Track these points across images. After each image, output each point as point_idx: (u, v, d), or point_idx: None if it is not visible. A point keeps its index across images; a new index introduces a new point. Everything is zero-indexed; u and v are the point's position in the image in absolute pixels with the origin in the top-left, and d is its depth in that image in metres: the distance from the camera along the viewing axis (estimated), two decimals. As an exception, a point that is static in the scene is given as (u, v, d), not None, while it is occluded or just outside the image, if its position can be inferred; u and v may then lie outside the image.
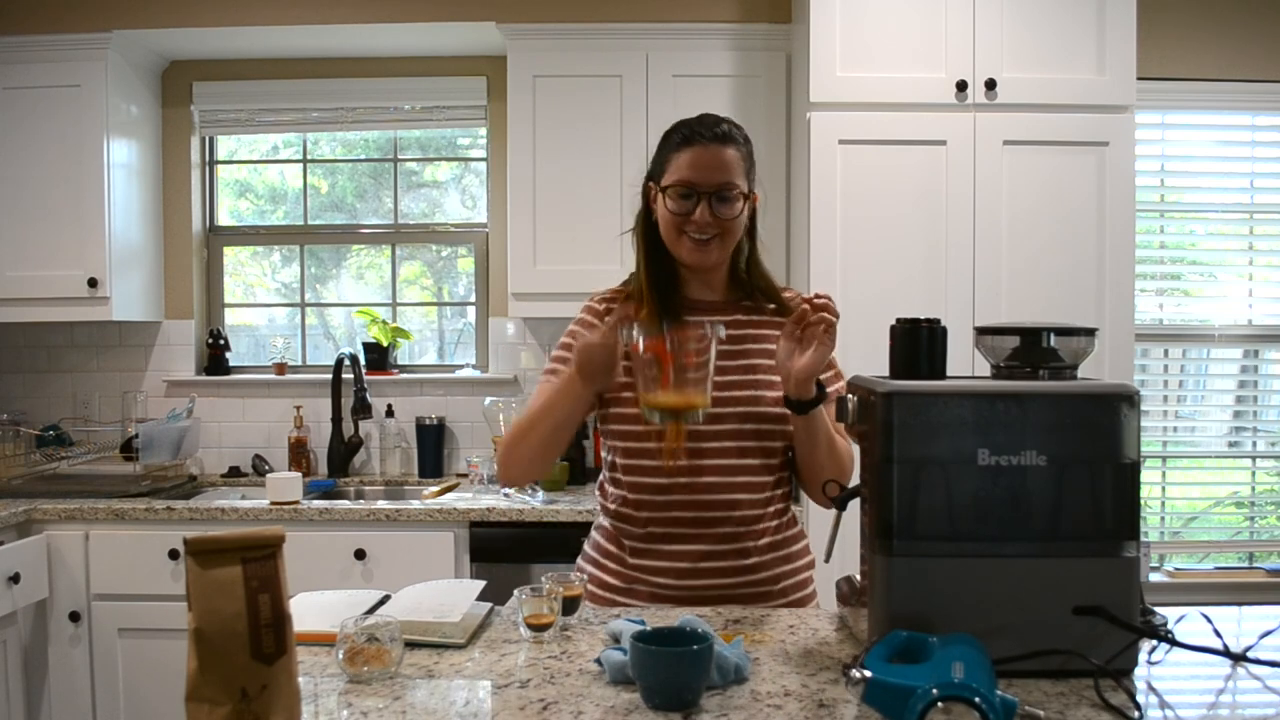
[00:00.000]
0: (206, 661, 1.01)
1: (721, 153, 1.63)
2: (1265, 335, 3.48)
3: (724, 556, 1.63)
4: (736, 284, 1.74)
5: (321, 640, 1.37)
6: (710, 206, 1.63)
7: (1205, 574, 3.41)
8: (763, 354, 1.68)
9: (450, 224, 3.77)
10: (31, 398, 3.60)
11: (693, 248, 1.65)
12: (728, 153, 1.64)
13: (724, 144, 1.64)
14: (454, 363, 3.78)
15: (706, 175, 1.62)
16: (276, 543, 1.07)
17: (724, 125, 1.67)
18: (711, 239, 1.64)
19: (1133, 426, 1.27)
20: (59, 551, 2.90)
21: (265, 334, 3.84)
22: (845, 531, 1.45)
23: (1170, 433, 3.52)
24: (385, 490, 3.45)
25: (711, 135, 1.64)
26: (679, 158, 1.65)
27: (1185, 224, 3.53)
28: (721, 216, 1.63)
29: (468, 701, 1.20)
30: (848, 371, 1.52)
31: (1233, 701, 1.23)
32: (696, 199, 1.62)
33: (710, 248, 1.65)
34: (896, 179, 2.84)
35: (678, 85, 3.17)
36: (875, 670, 1.09)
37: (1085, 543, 1.27)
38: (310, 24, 3.30)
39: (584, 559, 1.77)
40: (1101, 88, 2.84)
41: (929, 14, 2.83)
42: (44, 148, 3.24)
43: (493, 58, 3.52)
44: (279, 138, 3.82)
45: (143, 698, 2.91)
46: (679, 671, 1.15)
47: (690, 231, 1.64)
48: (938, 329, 1.39)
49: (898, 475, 1.28)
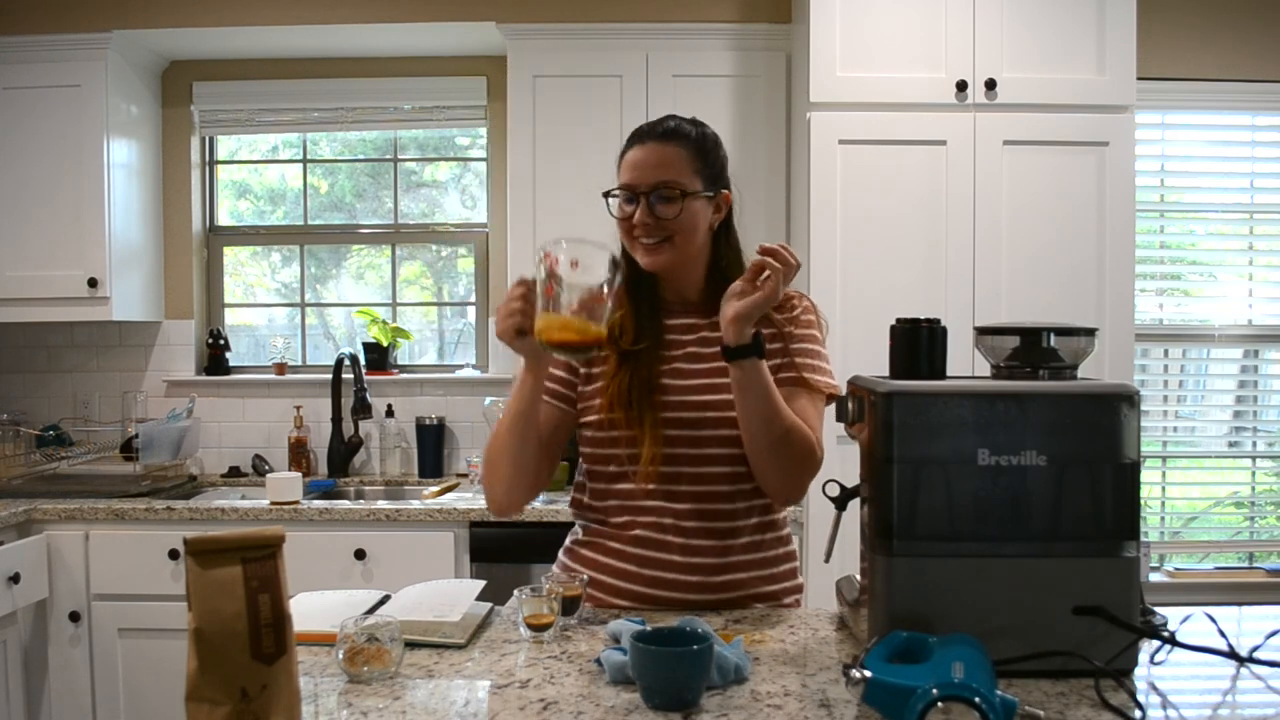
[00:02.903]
0: (206, 661, 1.01)
1: (661, 150, 1.57)
2: (1265, 335, 3.48)
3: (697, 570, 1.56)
4: (716, 285, 1.61)
5: (321, 640, 1.37)
6: (649, 207, 1.56)
7: (1205, 574, 3.41)
8: None
9: (450, 224, 3.77)
10: (31, 398, 3.60)
11: (643, 251, 1.59)
12: (668, 150, 1.57)
13: (665, 141, 1.58)
14: (454, 363, 3.79)
15: (643, 175, 1.56)
16: (276, 543, 1.07)
17: (671, 122, 1.61)
18: (662, 242, 1.57)
19: (1133, 426, 1.27)
20: (59, 551, 2.90)
21: (265, 334, 3.84)
22: (845, 531, 1.45)
23: (1170, 433, 3.52)
24: (385, 490, 3.45)
25: (653, 134, 1.59)
26: (624, 160, 1.60)
27: (1185, 224, 3.53)
28: (661, 217, 1.56)
29: (468, 701, 1.20)
30: (848, 371, 1.52)
31: (1235, 702, 1.23)
32: (637, 200, 1.57)
33: (661, 250, 1.58)
34: (896, 179, 2.84)
35: (678, 85, 3.17)
36: (875, 670, 1.09)
37: (1085, 543, 1.27)
38: (310, 24, 3.30)
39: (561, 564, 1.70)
40: (1101, 88, 2.84)
41: (929, 14, 2.83)
42: (44, 148, 3.24)
43: (493, 58, 3.52)
44: (279, 138, 3.82)
45: (143, 698, 2.91)
46: (679, 671, 1.15)
47: (637, 235, 1.58)
48: (938, 329, 1.39)
49: (898, 475, 1.28)
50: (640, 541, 1.59)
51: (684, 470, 1.58)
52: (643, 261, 1.59)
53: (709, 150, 1.62)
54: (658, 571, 1.57)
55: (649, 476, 1.56)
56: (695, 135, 1.61)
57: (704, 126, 1.64)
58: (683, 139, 1.59)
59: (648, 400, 1.57)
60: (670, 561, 1.57)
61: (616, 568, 1.60)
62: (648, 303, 1.65)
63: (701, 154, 1.60)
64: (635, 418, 1.56)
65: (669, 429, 1.57)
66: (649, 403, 1.57)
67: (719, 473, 1.58)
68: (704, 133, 1.63)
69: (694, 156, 1.59)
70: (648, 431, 1.55)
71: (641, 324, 1.62)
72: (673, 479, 1.58)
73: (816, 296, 2.79)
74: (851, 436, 1.41)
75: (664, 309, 1.66)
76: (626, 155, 1.60)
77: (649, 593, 1.58)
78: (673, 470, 1.57)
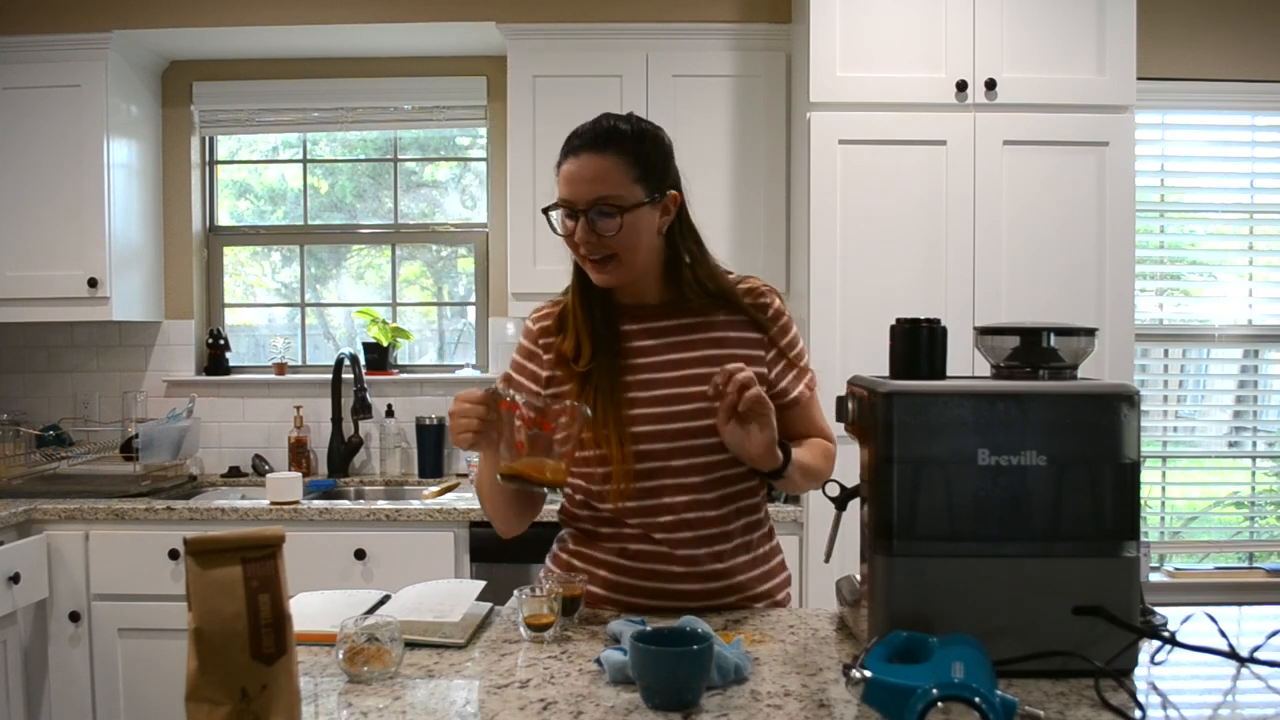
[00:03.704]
0: (206, 661, 1.01)
1: (594, 163, 1.47)
2: (1265, 335, 3.48)
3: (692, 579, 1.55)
4: (676, 285, 1.57)
5: (321, 640, 1.37)
6: (590, 224, 1.48)
7: (1205, 574, 3.41)
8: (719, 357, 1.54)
9: (450, 224, 3.77)
10: (31, 398, 3.60)
11: (592, 269, 1.52)
12: (603, 162, 1.47)
13: (599, 151, 1.47)
14: (454, 363, 3.78)
15: (578, 190, 1.47)
16: (276, 543, 1.07)
17: (605, 123, 1.50)
18: (607, 259, 1.50)
19: (1133, 426, 1.27)
20: (59, 551, 2.90)
21: (265, 334, 3.84)
22: (845, 531, 1.45)
23: (1170, 433, 3.52)
24: (385, 490, 3.45)
25: (585, 143, 1.48)
26: (560, 172, 1.51)
27: (1185, 224, 3.53)
28: (602, 234, 1.48)
29: (468, 701, 1.20)
30: (848, 371, 1.52)
31: (1236, 702, 1.23)
32: (576, 217, 1.49)
33: (609, 267, 1.50)
34: (896, 179, 2.84)
35: (678, 85, 3.17)
36: (875, 670, 1.09)
37: (1085, 543, 1.27)
38: (310, 24, 3.30)
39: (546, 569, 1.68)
40: (1101, 88, 2.84)
41: (929, 14, 2.83)
42: (44, 148, 3.24)
43: (493, 58, 3.52)
44: (279, 138, 3.82)
45: (143, 698, 2.91)
46: (679, 671, 1.15)
47: (581, 253, 1.51)
48: (938, 329, 1.39)
49: (898, 475, 1.28)
50: (631, 555, 1.57)
51: (665, 483, 1.54)
52: (594, 279, 1.53)
53: (648, 152, 1.51)
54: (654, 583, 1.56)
55: (624, 494, 1.52)
56: (631, 138, 1.50)
57: (641, 123, 1.53)
58: (617, 145, 1.48)
59: (614, 416, 1.51)
60: (667, 572, 1.56)
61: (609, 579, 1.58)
62: (601, 309, 1.58)
63: (640, 159, 1.50)
64: (604, 436, 1.51)
65: (641, 444, 1.52)
66: (616, 417, 1.51)
67: (702, 481, 1.54)
68: (641, 131, 1.52)
69: (631, 163, 1.48)
70: (617, 450, 1.50)
71: (597, 338, 1.55)
72: (654, 493, 1.54)
73: (816, 296, 2.81)
74: (852, 436, 1.41)
75: (622, 313, 1.59)
76: (563, 167, 1.50)
77: (646, 603, 1.56)
78: (653, 484, 1.53)
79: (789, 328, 1.63)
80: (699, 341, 1.58)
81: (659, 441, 1.52)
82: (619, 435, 1.51)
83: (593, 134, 1.49)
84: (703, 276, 1.58)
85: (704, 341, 1.58)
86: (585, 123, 1.52)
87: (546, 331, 1.61)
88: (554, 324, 1.61)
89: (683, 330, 1.58)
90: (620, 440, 1.51)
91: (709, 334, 1.58)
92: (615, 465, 1.50)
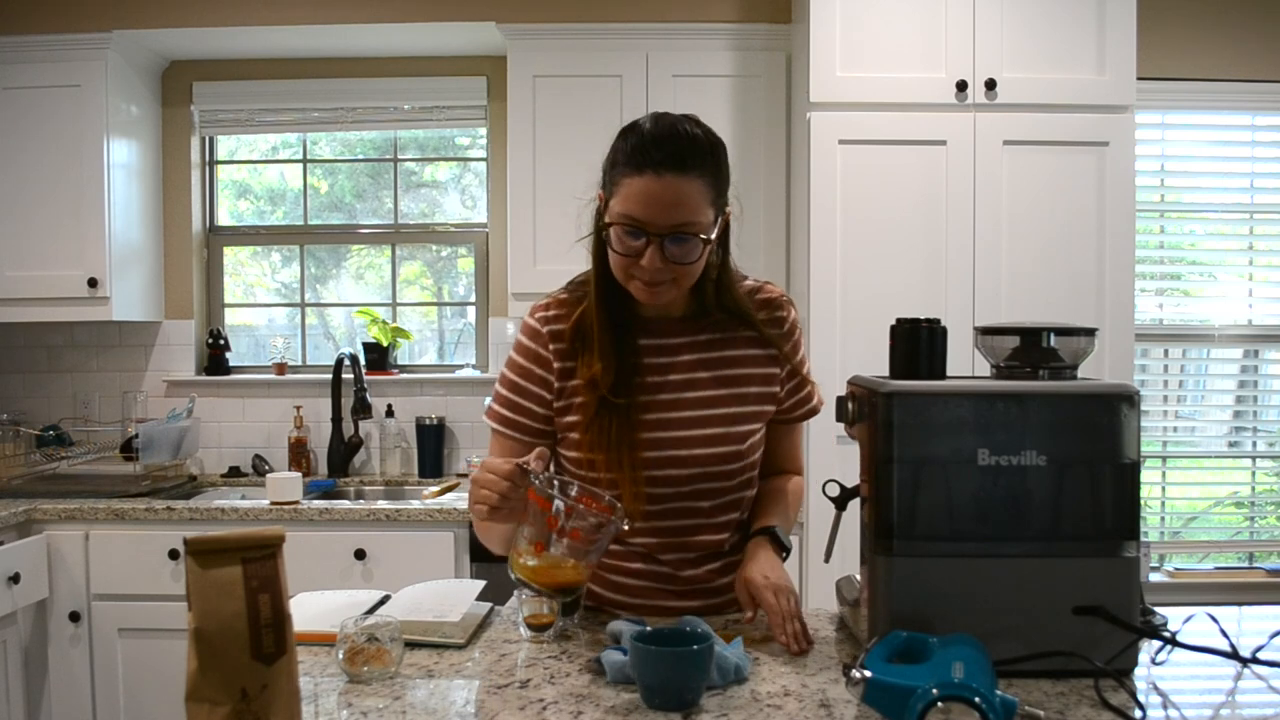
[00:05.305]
0: (206, 661, 1.01)
1: (678, 186, 1.35)
2: (1265, 335, 3.48)
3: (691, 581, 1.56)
4: (702, 299, 1.51)
5: (321, 640, 1.37)
6: (662, 250, 1.37)
7: (1205, 574, 3.41)
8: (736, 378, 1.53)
9: (450, 224, 3.77)
10: (31, 398, 3.60)
11: (642, 289, 1.41)
12: (686, 185, 1.35)
13: (683, 173, 1.35)
14: (454, 363, 3.78)
15: (658, 214, 1.35)
16: (276, 543, 1.07)
17: (685, 143, 1.36)
18: (665, 282, 1.41)
19: (1133, 426, 1.27)
20: (59, 551, 2.90)
21: (265, 334, 3.84)
22: (845, 531, 1.45)
23: (1170, 433, 3.52)
24: (385, 490, 3.45)
25: (669, 162, 1.34)
26: (629, 184, 1.36)
27: (1185, 224, 3.53)
28: (676, 261, 1.38)
29: (468, 701, 1.20)
30: (848, 371, 1.52)
31: (1236, 702, 1.22)
32: (646, 240, 1.37)
33: (663, 290, 1.41)
34: (896, 179, 2.84)
35: (678, 85, 3.17)
36: (875, 670, 1.09)
37: (1085, 543, 1.27)
38: (310, 24, 3.30)
39: None
40: (1101, 88, 2.84)
41: (929, 14, 2.83)
42: (44, 148, 3.24)
43: (493, 58, 3.52)
44: (279, 138, 3.82)
45: (143, 698, 2.91)
46: (679, 671, 1.15)
47: (639, 275, 1.40)
48: (938, 329, 1.39)
49: (898, 475, 1.28)
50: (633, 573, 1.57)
51: (670, 506, 1.54)
52: (640, 298, 1.44)
53: (723, 172, 1.42)
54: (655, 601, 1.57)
55: (634, 518, 1.49)
56: (709, 153, 1.39)
57: (713, 136, 1.43)
58: (699, 164, 1.37)
59: (628, 441, 1.47)
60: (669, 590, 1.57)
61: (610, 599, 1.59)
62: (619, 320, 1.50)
63: (718, 178, 1.40)
64: (615, 461, 1.47)
65: (653, 469, 1.50)
66: (629, 442, 1.47)
67: (710, 506, 1.56)
68: (714, 144, 1.42)
69: (710, 184, 1.39)
70: (628, 474, 1.47)
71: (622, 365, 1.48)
72: (662, 516, 1.53)
73: (816, 296, 2.81)
74: (851, 436, 1.41)
75: (640, 327, 1.52)
76: (635, 182, 1.36)
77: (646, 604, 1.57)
78: (661, 508, 1.53)
79: (800, 342, 1.62)
80: (714, 361, 1.54)
81: (671, 468, 1.51)
82: (630, 462, 1.47)
83: (674, 148, 1.36)
84: (725, 290, 1.52)
85: (719, 361, 1.54)
86: (654, 126, 1.39)
87: (558, 336, 1.51)
88: (568, 333, 1.51)
89: (699, 348, 1.53)
90: (633, 467, 1.48)
91: (725, 352, 1.54)
92: (625, 490, 1.46)
